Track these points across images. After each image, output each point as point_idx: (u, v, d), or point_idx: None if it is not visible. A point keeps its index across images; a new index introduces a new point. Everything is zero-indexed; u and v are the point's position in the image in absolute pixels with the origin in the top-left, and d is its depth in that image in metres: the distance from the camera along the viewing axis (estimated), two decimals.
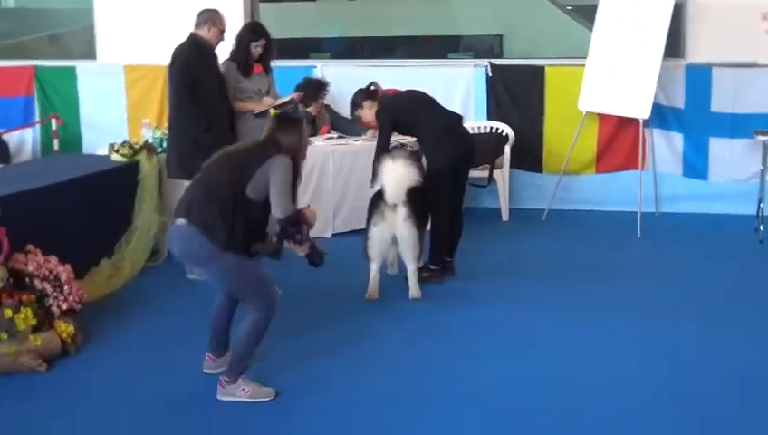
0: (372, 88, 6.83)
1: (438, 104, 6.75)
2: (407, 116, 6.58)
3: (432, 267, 6.57)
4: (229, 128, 6.72)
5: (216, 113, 6.59)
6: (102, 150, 7.40)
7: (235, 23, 7.43)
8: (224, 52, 6.94)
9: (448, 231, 6.60)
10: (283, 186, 4.39)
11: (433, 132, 6.53)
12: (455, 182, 6.62)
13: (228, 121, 6.73)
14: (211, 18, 6.63)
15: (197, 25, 6.64)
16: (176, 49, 6.61)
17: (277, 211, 4.37)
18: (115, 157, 6.92)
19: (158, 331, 5.57)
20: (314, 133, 8.29)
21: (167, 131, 7.03)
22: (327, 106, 8.60)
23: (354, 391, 4.65)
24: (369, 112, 6.71)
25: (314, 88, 8.39)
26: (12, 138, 9.52)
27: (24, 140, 9.66)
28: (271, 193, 4.37)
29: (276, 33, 8.51)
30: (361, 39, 11.95)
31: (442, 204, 6.52)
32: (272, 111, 7.32)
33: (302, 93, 7.66)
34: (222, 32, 6.68)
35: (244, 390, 4.47)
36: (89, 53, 9.76)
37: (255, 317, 4.49)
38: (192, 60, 6.54)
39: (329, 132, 8.41)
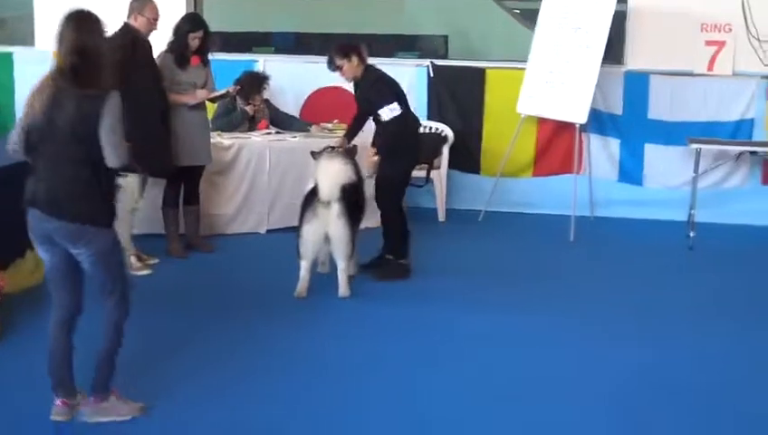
0: (352, 42, 6.66)
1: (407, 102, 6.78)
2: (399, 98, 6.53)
3: (403, 262, 6.67)
4: (161, 121, 6.61)
5: (148, 105, 6.44)
6: None
7: (177, 14, 7.34)
8: (163, 43, 6.88)
9: (406, 225, 6.70)
10: (118, 130, 3.96)
11: (408, 133, 6.60)
12: (408, 182, 6.82)
13: (161, 114, 6.62)
14: (137, 8, 6.49)
15: (128, 15, 6.53)
16: (107, 39, 6.48)
17: (115, 160, 3.93)
18: None
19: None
20: (252, 128, 8.25)
21: None
22: (266, 101, 8.55)
23: (274, 384, 4.63)
24: (355, 68, 6.47)
25: (254, 82, 8.32)
26: None
27: None
28: (105, 139, 3.91)
29: (222, 26, 8.47)
30: (309, 35, 11.89)
31: (398, 202, 6.64)
32: (208, 104, 7.29)
33: (238, 87, 7.60)
34: (151, 21, 6.52)
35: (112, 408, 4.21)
36: (30, 39, 9.59)
37: (116, 316, 4.16)
38: (123, 50, 6.39)
39: (267, 127, 8.36)
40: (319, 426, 4.25)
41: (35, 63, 9.26)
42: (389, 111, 6.42)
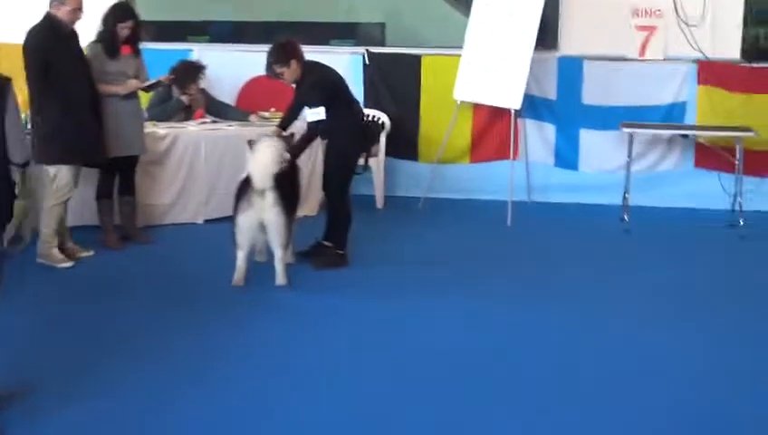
0: (289, 43, 6.56)
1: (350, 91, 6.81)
2: (337, 94, 6.58)
3: (341, 252, 6.66)
4: (91, 111, 6.50)
5: (75, 96, 6.35)
6: None
7: (108, 2, 7.21)
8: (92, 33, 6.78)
9: (351, 214, 6.73)
10: (20, 122, 3.75)
11: (352, 123, 6.65)
12: (354, 169, 6.82)
13: (90, 104, 6.50)
14: None
15: (50, 4, 6.37)
16: (29, 30, 6.33)
17: (19, 155, 3.74)
18: None
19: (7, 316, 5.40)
20: (188, 118, 8.18)
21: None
22: (203, 90, 8.48)
23: (215, 374, 4.60)
24: (294, 71, 6.48)
25: (189, 71, 8.24)
26: None
27: None
28: (9, 133, 3.69)
29: (157, 15, 8.33)
30: (244, 24, 11.80)
31: (346, 190, 6.69)
32: (142, 94, 7.23)
33: (172, 76, 7.52)
34: (75, 10, 6.36)
35: None
36: None
37: None
38: (45, 41, 6.27)
39: (203, 116, 8.30)
40: (258, 416, 4.21)
41: None
42: (313, 115, 6.51)
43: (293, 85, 6.66)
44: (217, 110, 8.47)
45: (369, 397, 4.42)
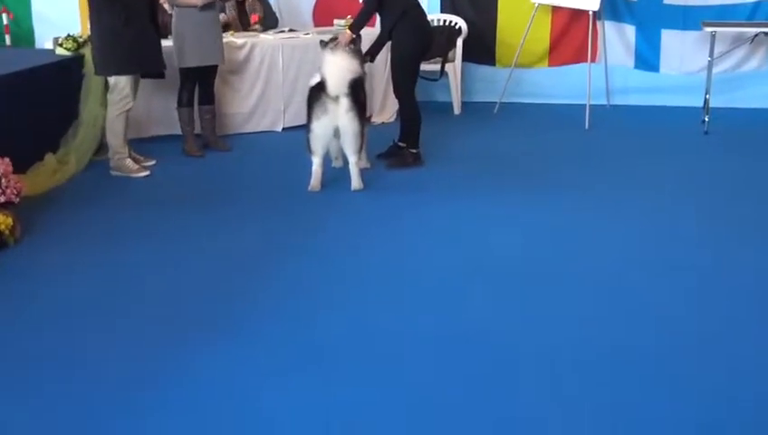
0: None
1: None
2: None
3: (414, 151, 6.77)
4: (150, 20, 6.54)
5: (134, 7, 6.36)
6: (50, 45, 7.35)
7: None
8: None
9: (419, 113, 6.76)
10: None
11: (413, 21, 6.61)
12: (418, 69, 6.79)
13: (149, 13, 6.53)
14: None
15: None
16: None
17: None
18: (59, 51, 6.89)
19: (95, 224, 5.62)
20: (244, 20, 8.25)
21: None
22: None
23: (291, 272, 4.75)
24: None
25: None
26: None
27: None
28: None
29: None
30: None
31: (411, 88, 6.70)
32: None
33: None
34: None
35: None
36: None
37: None
38: None
39: (260, 20, 8.40)
40: (340, 318, 4.33)
41: None
42: None
43: None
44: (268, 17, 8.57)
45: (435, 293, 4.50)
